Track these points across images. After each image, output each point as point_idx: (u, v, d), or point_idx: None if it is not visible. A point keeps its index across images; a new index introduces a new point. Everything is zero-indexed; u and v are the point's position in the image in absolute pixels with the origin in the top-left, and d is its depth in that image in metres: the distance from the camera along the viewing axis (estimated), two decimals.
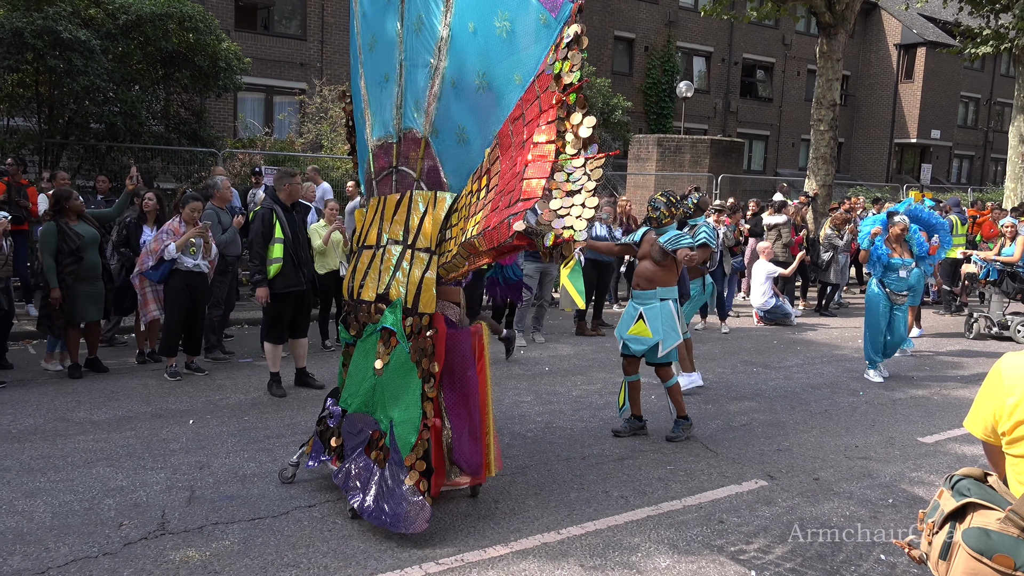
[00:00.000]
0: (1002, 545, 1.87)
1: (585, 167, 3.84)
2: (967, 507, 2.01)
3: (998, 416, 2.02)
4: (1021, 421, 1.95)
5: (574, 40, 3.93)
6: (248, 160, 14.40)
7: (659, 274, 6.10)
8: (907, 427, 6.83)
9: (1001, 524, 1.90)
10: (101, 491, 4.85)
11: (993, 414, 2.04)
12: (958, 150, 39.10)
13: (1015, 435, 1.97)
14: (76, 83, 10.74)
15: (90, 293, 7.36)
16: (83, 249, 7.24)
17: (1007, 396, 1.99)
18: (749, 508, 4.95)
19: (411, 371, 4.43)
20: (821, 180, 16.94)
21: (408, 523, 4.22)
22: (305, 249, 7.09)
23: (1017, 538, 1.87)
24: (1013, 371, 2.02)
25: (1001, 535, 1.89)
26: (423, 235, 4.50)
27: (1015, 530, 1.88)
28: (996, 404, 2.03)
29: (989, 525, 1.92)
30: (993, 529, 1.90)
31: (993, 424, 2.05)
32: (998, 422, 2.02)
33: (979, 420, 2.11)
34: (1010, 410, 1.98)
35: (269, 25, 22.75)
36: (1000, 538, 1.89)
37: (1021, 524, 1.88)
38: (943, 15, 34.12)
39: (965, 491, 2.04)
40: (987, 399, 2.08)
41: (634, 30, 29.64)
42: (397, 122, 4.76)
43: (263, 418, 6.41)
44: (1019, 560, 1.85)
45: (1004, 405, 1.99)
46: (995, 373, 2.07)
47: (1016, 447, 1.98)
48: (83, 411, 6.44)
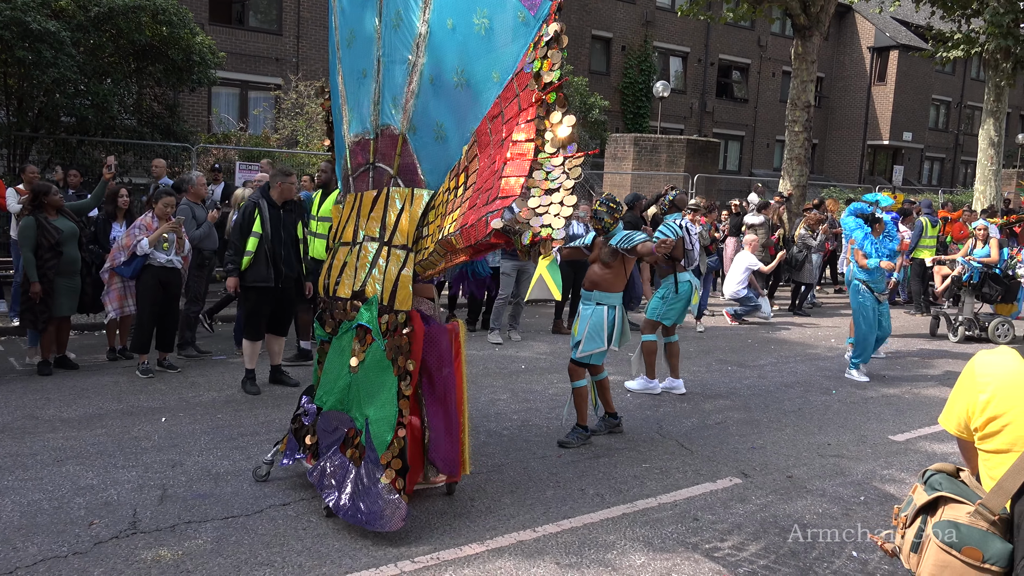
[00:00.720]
0: (971, 538, 1.90)
1: (564, 166, 3.84)
2: (938, 501, 2.04)
3: (971, 412, 2.05)
4: (993, 417, 1.98)
5: (554, 39, 3.93)
6: (223, 156, 14.25)
7: (606, 278, 6.03)
8: (879, 425, 6.91)
9: (971, 517, 1.93)
10: (71, 490, 4.78)
11: (966, 410, 2.07)
12: (929, 152, 39.65)
13: (987, 431, 2.00)
14: (46, 75, 10.56)
15: (69, 287, 7.31)
16: (62, 243, 7.18)
17: (979, 393, 2.02)
18: (723, 506, 4.98)
19: (387, 369, 4.41)
20: (795, 181, 17.10)
21: (384, 521, 4.20)
22: (289, 247, 7.01)
23: (986, 531, 1.90)
24: (986, 368, 2.06)
25: (971, 528, 1.92)
26: (400, 232, 4.48)
27: (984, 523, 1.91)
28: (969, 401, 2.06)
29: (959, 518, 1.95)
30: (963, 522, 1.94)
31: (966, 420, 2.08)
32: (971, 418, 2.06)
33: (953, 417, 2.14)
34: (982, 406, 2.01)
35: (244, 19, 22.52)
36: (969, 531, 1.92)
37: (990, 517, 1.91)
38: (915, 19, 34.59)
39: (937, 485, 2.07)
40: (960, 396, 2.11)
41: (611, 29, 29.73)
42: (374, 118, 4.73)
43: (237, 416, 6.35)
44: (987, 553, 1.88)
45: (977, 401, 2.03)
46: (968, 371, 2.11)
47: (988, 443, 2.01)
48: (52, 408, 6.34)
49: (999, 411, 1.97)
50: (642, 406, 7.11)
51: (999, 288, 10.89)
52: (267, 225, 6.80)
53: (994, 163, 20.46)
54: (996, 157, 20.45)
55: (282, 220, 6.94)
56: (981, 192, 20.58)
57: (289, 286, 7.05)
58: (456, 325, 4.79)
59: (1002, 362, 2.03)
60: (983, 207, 18.32)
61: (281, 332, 7.18)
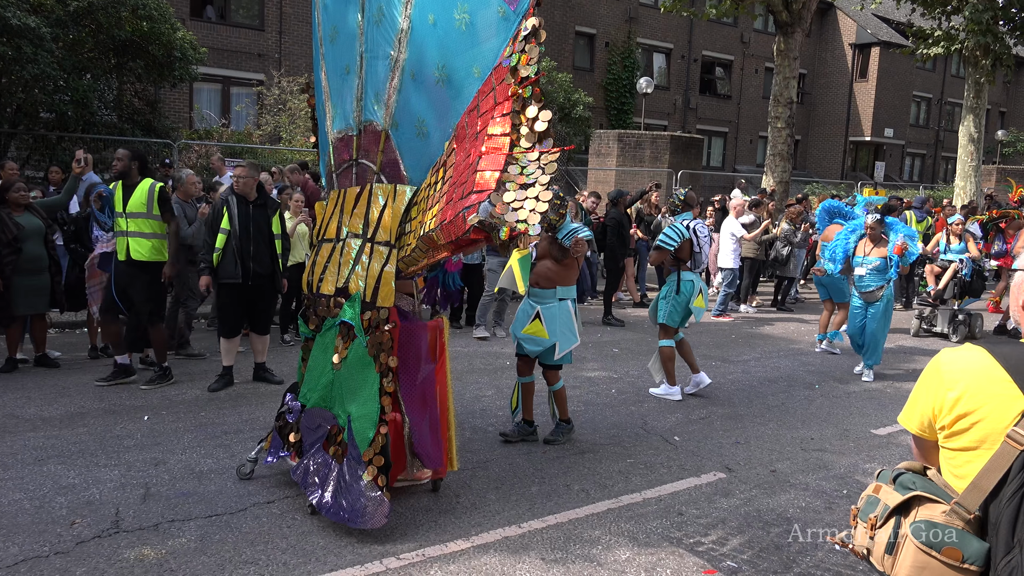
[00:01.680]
0: (950, 538, 1.89)
1: (539, 161, 3.83)
2: (912, 501, 2.02)
3: (937, 411, 2.04)
4: (963, 414, 1.97)
5: (532, 33, 3.93)
6: (204, 152, 14.15)
7: (560, 273, 5.86)
8: (861, 420, 6.97)
9: (947, 516, 1.92)
10: (52, 489, 4.74)
11: (932, 409, 2.06)
12: (910, 148, 39.98)
13: (955, 428, 2.00)
14: (25, 71, 10.44)
15: (32, 286, 7.17)
16: (23, 240, 7.04)
17: (948, 391, 2.01)
18: (708, 500, 5.01)
19: (369, 365, 4.40)
20: (778, 177, 17.20)
21: (366, 518, 4.19)
22: (260, 244, 6.94)
23: (963, 530, 1.89)
24: (952, 366, 2.04)
25: (948, 528, 1.90)
26: (382, 228, 4.47)
27: (960, 522, 1.90)
28: (935, 399, 2.05)
29: (935, 518, 1.93)
30: (939, 522, 1.92)
31: (931, 419, 2.07)
32: (937, 416, 2.05)
33: (916, 415, 2.13)
34: (951, 404, 2.00)
35: (226, 14, 22.36)
36: (947, 531, 1.90)
37: (966, 516, 1.90)
38: (896, 16, 34.80)
39: (911, 484, 2.05)
40: (925, 395, 2.10)
41: (595, 25, 29.75)
42: (357, 115, 4.72)
43: (220, 414, 6.32)
44: (966, 552, 1.87)
45: (945, 400, 2.02)
46: (933, 369, 2.10)
47: (954, 441, 2.01)
48: (33, 407, 6.28)
49: (969, 408, 1.96)
50: (626, 401, 7.13)
51: (983, 283, 10.91)
52: (235, 221, 6.79)
53: (974, 159, 20.67)
54: (976, 153, 20.66)
55: (251, 216, 6.90)
56: (961, 188, 20.78)
57: (262, 283, 6.99)
58: (440, 322, 4.79)
59: (970, 358, 2.01)
60: (963, 203, 18.49)
61: (260, 330, 7.14)
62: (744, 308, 12.71)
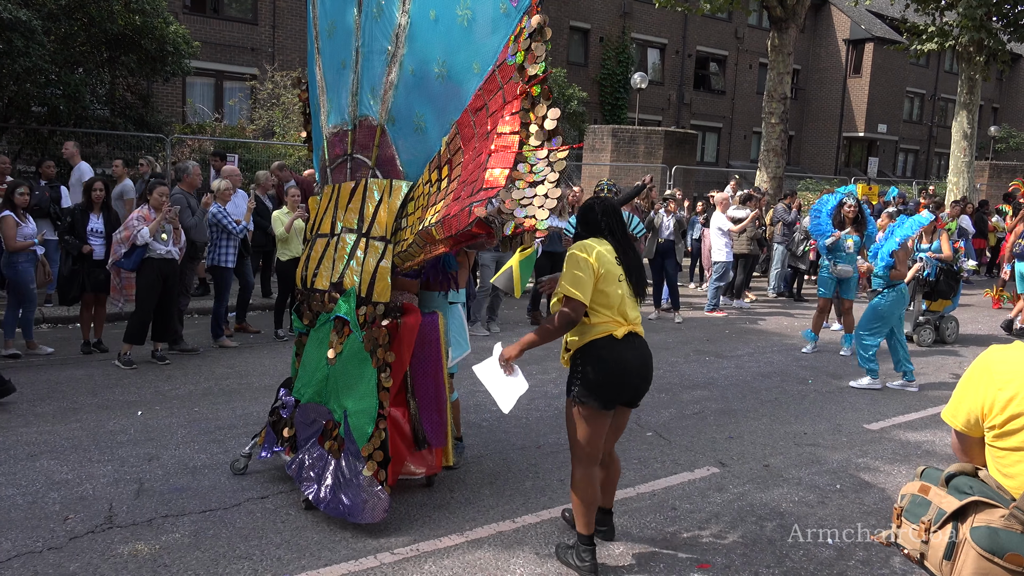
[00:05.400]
0: (1011, 543, 1.85)
1: (548, 158, 3.86)
2: (968, 506, 1.97)
3: (987, 409, 2.01)
4: (1017, 414, 1.94)
5: (537, 31, 3.95)
6: (198, 146, 14.11)
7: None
8: (854, 415, 6.99)
9: (1006, 521, 1.89)
10: (45, 484, 4.73)
11: (982, 407, 2.03)
12: (903, 144, 40.07)
13: (1007, 428, 1.96)
14: (16, 64, 10.37)
15: None
16: None
17: (999, 390, 1.98)
18: (701, 495, 5.02)
19: (365, 361, 4.40)
20: (772, 172, 17.22)
21: (366, 513, 4.21)
22: None
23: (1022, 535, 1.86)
24: (1004, 365, 2.01)
25: (1009, 533, 1.87)
26: (378, 223, 4.46)
27: (1020, 526, 1.87)
28: (986, 397, 2.01)
29: (994, 523, 1.90)
30: (999, 527, 1.89)
31: (979, 416, 2.04)
32: (986, 415, 2.01)
33: (963, 412, 2.09)
34: (1003, 403, 1.97)
35: (219, 8, 22.27)
36: (1008, 536, 1.86)
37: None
38: (890, 12, 34.92)
39: (967, 489, 2.01)
40: (974, 391, 2.06)
41: (589, 20, 29.72)
42: (352, 109, 4.71)
43: (214, 409, 6.31)
44: None
45: (996, 399, 1.98)
46: (983, 366, 2.06)
47: (1005, 440, 1.98)
48: (25, 403, 6.26)
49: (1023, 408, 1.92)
50: None
51: (953, 284, 10.23)
52: None
53: (967, 155, 20.74)
54: (969, 149, 20.72)
55: None
56: (954, 184, 20.86)
57: None
58: (436, 316, 4.79)
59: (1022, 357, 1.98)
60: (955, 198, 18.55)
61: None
62: (738, 303, 12.73)
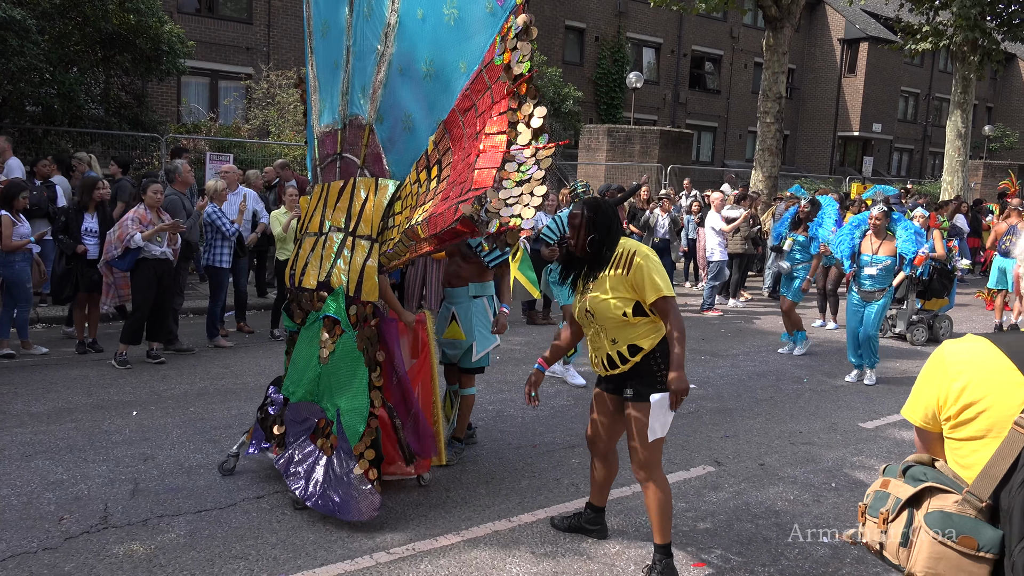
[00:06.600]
0: (964, 527, 1.89)
1: (536, 156, 3.88)
2: (923, 492, 2.02)
3: (942, 402, 2.05)
4: (969, 403, 1.99)
5: (523, 30, 3.95)
6: (193, 146, 14.07)
7: (470, 270, 5.34)
8: (849, 413, 7.01)
9: (959, 506, 1.93)
10: (40, 485, 4.72)
11: (937, 400, 2.07)
12: (898, 143, 40.16)
13: (961, 418, 2.01)
14: (11, 63, 10.34)
15: None
16: None
17: (953, 381, 2.03)
18: (697, 494, 5.03)
19: (358, 360, 4.41)
20: (767, 172, 17.25)
21: (358, 511, 4.22)
22: None
23: (976, 519, 1.90)
24: (957, 357, 2.06)
25: (962, 517, 1.91)
26: (364, 222, 4.47)
27: (973, 511, 1.91)
28: (940, 390, 2.06)
29: (948, 508, 1.94)
30: (953, 512, 1.92)
31: (935, 410, 2.08)
32: (942, 408, 2.06)
33: (920, 408, 2.14)
34: (956, 394, 2.01)
35: (214, 8, 22.22)
36: (962, 520, 1.90)
37: (978, 505, 1.91)
38: (885, 11, 34.96)
39: (922, 476, 2.06)
40: (929, 386, 2.11)
41: (585, 20, 29.72)
42: (343, 109, 4.72)
43: (209, 409, 6.30)
44: (981, 540, 1.88)
45: (950, 390, 2.03)
46: (937, 361, 2.10)
47: (960, 431, 2.02)
48: (20, 403, 6.24)
49: (975, 397, 1.97)
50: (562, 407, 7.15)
51: (946, 283, 10.23)
52: None
53: (961, 154, 20.80)
54: (963, 148, 20.79)
55: None
56: (949, 183, 20.92)
57: None
58: (423, 316, 4.80)
59: (974, 349, 2.04)
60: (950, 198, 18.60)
61: None
62: (733, 303, 12.76)
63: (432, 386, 4.85)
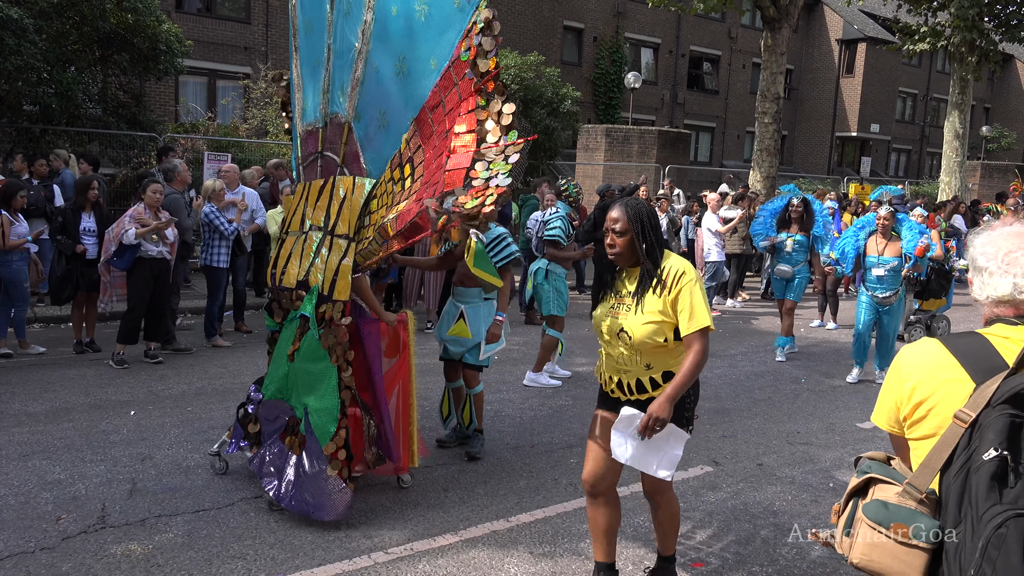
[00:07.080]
0: (899, 515, 1.94)
1: (505, 152, 3.92)
2: (869, 484, 2.08)
3: (899, 403, 2.11)
4: (920, 402, 2.04)
5: (486, 26, 3.96)
6: (191, 145, 14.06)
7: None
8: (846, 413, 7.01)
9: (899, 497, 1.98)
10: (37, 484, 4.71)
11: (895, 402, 2.13)
12: (896, 144, 40.20)
13: (915, 417, 2.06)
14: (8, 63, 10.32)
15: None
16: None
17: (905, 382, 2.09)
18: (695, 494, 5.03)
19: (323, 358, 4.40)
20: (765, 172, 17.25)
21: (331, 510, 4.24)
22: None
23: (914, 509, 1.95)
24: (908, 359, 2.13)
25: (899, 507, 1.96)
26: (341, 221, 4.48)
27: (913, 502, 1.95)
28: (897, 392, 2.12)
29: (888, 498, 1.99)
30: (892, 501, 1.98)
31: (896, 413, 2.14)
32: (899, 409, 2.11)
33: (884, 412, 2.19)
34: (908, 393, 2.07)
35: (212, 7, 22.19)
36: (897, 509, 1.96)
37: (918, 495, 1.95)
38: (883, 12, 34.96)
39: (867, 468, 2.12)
40: (889, 391, 2.17)
41: (583, 20, 29.71)
42: (323, 107, 4.73)
43: (207, 408, 6.29)
44: (915, 528, 1.93)
45: (903, 391, 2.09)
46: (895, 366, 2.17)
47: (915, 430, 2.07)
48: (18, 402, 6.23)
49: (924, 395, 2.03)
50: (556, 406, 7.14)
51: (944, 283, 10.14)
52: None
53: (959, 155, 20.81)
54: (961, 149, 20.79)
55: None
56: (946, 183, 20.93)
57: None
58: (405, 316, 4.80)
59: (923, 350, 2.10)
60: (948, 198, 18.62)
61: None
62: (731, 303, 12.76)
63: (410, 387, 4.84)
